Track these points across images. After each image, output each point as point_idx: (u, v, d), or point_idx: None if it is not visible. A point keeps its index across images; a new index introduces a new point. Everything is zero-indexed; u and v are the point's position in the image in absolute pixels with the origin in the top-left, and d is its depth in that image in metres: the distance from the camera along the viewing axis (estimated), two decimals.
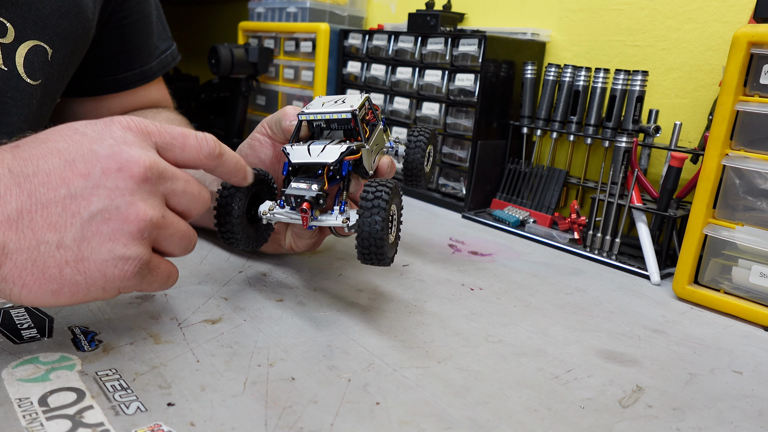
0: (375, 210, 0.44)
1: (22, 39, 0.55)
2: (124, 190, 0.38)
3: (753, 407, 0.43)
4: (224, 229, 0.51)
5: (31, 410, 0.35)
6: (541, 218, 0.85)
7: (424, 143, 0.62)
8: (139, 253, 0.39)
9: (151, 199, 0.39)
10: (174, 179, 0.41)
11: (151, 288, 0.41)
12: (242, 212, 0.51)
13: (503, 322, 0.53)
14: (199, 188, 0.44)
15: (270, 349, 0.44)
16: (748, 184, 0.59)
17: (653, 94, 0.84)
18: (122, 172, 0.38)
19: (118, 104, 0.77)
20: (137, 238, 0.38)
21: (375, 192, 0.45)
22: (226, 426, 0.35)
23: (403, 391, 0.40)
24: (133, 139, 0.40)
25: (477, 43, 0.87)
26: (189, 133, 0.43)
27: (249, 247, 0.53)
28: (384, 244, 0.45)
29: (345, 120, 0.53)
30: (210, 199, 0.45)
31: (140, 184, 0.39)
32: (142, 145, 0.40)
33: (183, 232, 0.42)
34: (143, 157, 0.39)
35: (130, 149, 0.39)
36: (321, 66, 1.12)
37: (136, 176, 0.38)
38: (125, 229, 0.38)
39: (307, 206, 0.48)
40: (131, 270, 0.38)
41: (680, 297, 0.63)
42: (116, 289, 0.39)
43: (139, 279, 0.39)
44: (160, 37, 0.79)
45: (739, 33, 0.57)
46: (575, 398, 0.42)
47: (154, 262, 0.41)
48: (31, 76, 0.56)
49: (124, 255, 0.38)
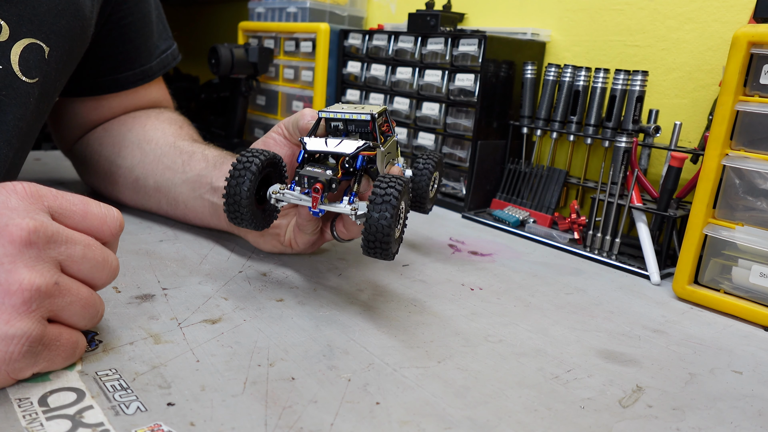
0: (386, 204, 0.44)
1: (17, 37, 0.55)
2: (2, 257, 0.34)
3: (753, 407, 0.43)
4: (232, 209, 0.51)
5: (31, 410, 0.35)
6: (541, 218, 0.85)
7: (430, 170, 0.64)
8: (27, 329, 0.33)
9: (39, 265, 0.35)
10: (70, 243, 0.37)
11: (53, 364, 0.37)
12: (252, 192, 0.50)
13: (503, 322, 0.53)
14: (104, 254, 0.39)
15: (270, 349, 0.44)
16: (748, 184, 0.59)
17: (653, 94, 0.84)
18: (1, 237, 0.34)
19: (118, 104, 0.77)
20: (23, 312, 0.33)
21: (388, 185, 0.45)
22: (226, 426, 0.35)
23: (403, 391, 0.40)
24: (17, 202, 0.36)
25: (477, 43, 0.87)
26: (91, 202, 0.40)
27: (252, 227, 0.53)
28: (390, 239, 0.45)
29: (363, 122, 0.53)
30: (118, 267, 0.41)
31: (23, 250, 0.34)
32: (28, 209, 0.36)
33: (85, 299, 0.38)
34: (26, 220, 0.35)
35: (11, 213, 0.35)
36: (321, 66, 1.12)
37: (17, 240, 0.34)
38: (7, 302, 0.33)
39: (320, 186, 0.48)
40: (18, 350, 0.33)
41: (680, 297, 0.63)
42: (5, 373, 0.34)
43: (32, 358, 0.35)
44: (161, 37, 0.79)
45: (739, 33, 0.57)
46: (575, 398, 0.42)
47: (49, 336, 0.36)
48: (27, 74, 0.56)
49: (6, 334, 0.33)
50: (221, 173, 0.63)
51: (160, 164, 0.69)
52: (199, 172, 0.65)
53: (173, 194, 0.68)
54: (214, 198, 0.63)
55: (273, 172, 0.53)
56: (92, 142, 0.77)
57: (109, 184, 0.75)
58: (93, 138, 0.77)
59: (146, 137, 0.72)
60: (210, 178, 0.64)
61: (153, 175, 0.69)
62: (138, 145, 0.72)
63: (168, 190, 0.68)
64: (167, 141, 0.71)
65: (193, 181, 0.65)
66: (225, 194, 0.51)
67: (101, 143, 0.76)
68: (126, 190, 0.73)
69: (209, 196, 0.64)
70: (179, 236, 0.68)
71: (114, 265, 0.40)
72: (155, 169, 0.69)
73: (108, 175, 0.74)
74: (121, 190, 0.74)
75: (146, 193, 0.71)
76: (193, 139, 0.73)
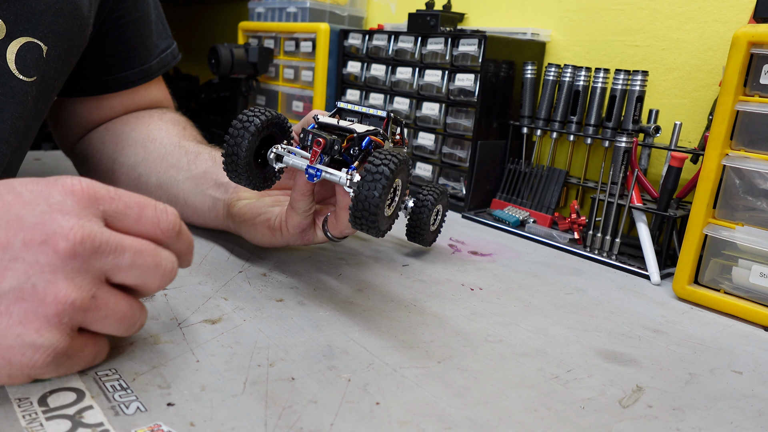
0: (378, 176, 0.44)
1: (13, 36, 0.55)
2: (44, 266, 0.33)
3: (753, 407, 0.43)
4: (230, 164, 0.51)
5: (31, 410, 0.35)
6: (541, 218, 0.85)
7: (432, 202, 0.64)
8: (53, 342, 0.34)
9: (79, 277, 0.34)
10: (118, 252, 0.36)
11: (71, 371, 0.37)
12: (251, 148, 0.50)
13: (503, 322, 0.53)
14: (156, 259, 0.38)
15: (270, 349, 0.44)
16: (748, 184, 0.59)
17: (653, 94, 0.84)
18: (46, 245, 0.34)
19: (118, 104, 0.77)
20: (54, 323, 0.33)
21: (383, 159, 0.45)
22: (226, 426, 0.35)
23: (403, 391, 0.40)
24: (71, 205, 0.35)
25: (477, 43, 0.87)
26: (147, 203, 0.39)
27: (250, 186, 0.53)
28: (378, 212, 0.44)
29: (378, 119, 0.54)
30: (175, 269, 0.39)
31: (65, 261, 0.34)
32: (81, 213, 0.35)
33: (122, 313, 0.37)
34: (75, 229, 0.34)
35: (61, 219, 0.34)
36: (321, 66, 1.12)
37: (61, 251, 0.34)
38: (40, 311, 0.33)
39: (322, 141, 0.47)
40: (42, 360, 0.34)
41: (680, 297, 0.63)
42: (25, 376, 0.35)
43: (53, 367, 0.35)
44: (160, 36, 0.79)
45: (739, 33, 0.57)
46: (575, 398, 0.42)
47: (74, 347, 0.36)
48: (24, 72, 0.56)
49: (35, 342, 0.33)
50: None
51: (164, 162, 0.69)
52: (206, 169, 0.66)
53: (174, 191, 0.68)
54: (216, 193, 0.63)
55: (278, 134, 0.53)
56: (94, 140, 0.77)
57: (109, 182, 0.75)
58: (95, 137, 0.77)
59: (150, 136, 0.72)
60: (215, 174, 0.64)
61: (156, 173, 0.69)
62: (141, 143, 0.72)
63: (169, 188, 0.68)
64: (171, 141, 0.71)
65: (197, 178, 0.66)
66: (224, 150, 0.50)
67: (103, 141, 0.76)
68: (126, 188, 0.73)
69: (212, 191, 0.64)
70: None
71: (168, 268, 0.39)
72: (158, 167, 0.69)
73: (109, 172, 0.74)
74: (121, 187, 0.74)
75: (147, 190, 0.71)
76: (198, 140, 0.73)
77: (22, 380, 0.35)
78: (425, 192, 0.65)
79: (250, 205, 0.61)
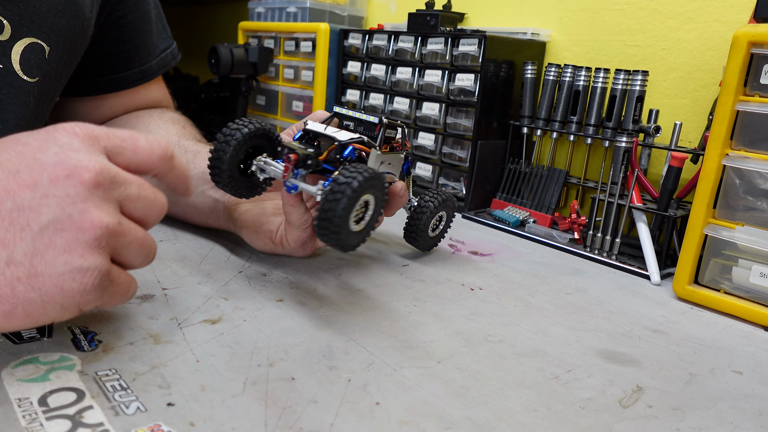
0: (343, 189, 0.43)
1: (18, 36, 0.55)
2: (75, 197, 0.36)
3: (753, 407, 0.43)
4: (214, 171, 0.52)
5: (31, 410, 0.35)
6: (541, 218, 0.85)
7: (432, 208, 0.64)
8: (99, 263, 0.36)
9: (105, 205, 0.37)
10: (127, 184, 0.39)
11: (112, 301, 0.39)
12: (234, 157, 0.51)
13: (503, 322, 0.53)
14: (155, 192, 0.41)
15: (270, 349, 0.44)
16: (748, 184, 0.59)
17: (653, 94, 0.84)
18: (71, 178, 0.36)
19: (118, 103, 0.77)
20: (94, 247, 0.36)
21: (349, 175, 0.44)
22: (226, 426, 0.35)
23: (403, 391, 0.40)
24: (79, 144, 0.38)
25: (477, 43, 0.87)
26: (138, 135, 0.41)
27: (236, 194, 0.54)
28: (341, 227, 0.44)
29: (371, 125, 0.54)
30: (167, 204, 0.43)
31: (92, 190, 0.36)
32: (90, 150, 0.38)
33: (142, 239, 0.40)
34: (92, 161, 0.37)
35: (77, 155, 0.37)
36: (321, 66, 1.12)
37: (87, 182, 0.36)
38: (81, 238, 0.36)
39: (293, 156, 0.48)
40: (91, 282, 0.36)
41: (680, 297, 0.63)
42: (76, 305, 0.37)
43: (100, 292, 0.37)
44: (160, 36, 0.79)
45: (739, 33, 0.57)
46: (575, 398, 0.42)
47: (114, 273, 0.38)
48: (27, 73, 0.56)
49: (82, 266, 0.35)
50: None
51: None
52: (205, 169, 0.65)
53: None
54: (216, 194, 0.63)
55: (267, 145, 0.53)
56: None
57: None
58: None
59: None
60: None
61: None
62: None
63: None
64: (171, 140, 0.71)
65: (197, 178, 0.65)
66: (210, 157, 0.52)
67: None
68: None
69: (212, 192, 0.64)
70: (179, 236, 0.68)
71: (162, 201, 0.42)
72: None
73: None
74: None
75: None
76: (197, 140, 0.73)
77: (72, 310, 0.37)
78: (429, 196, 0.65)
79: (251, 212, 0.61)
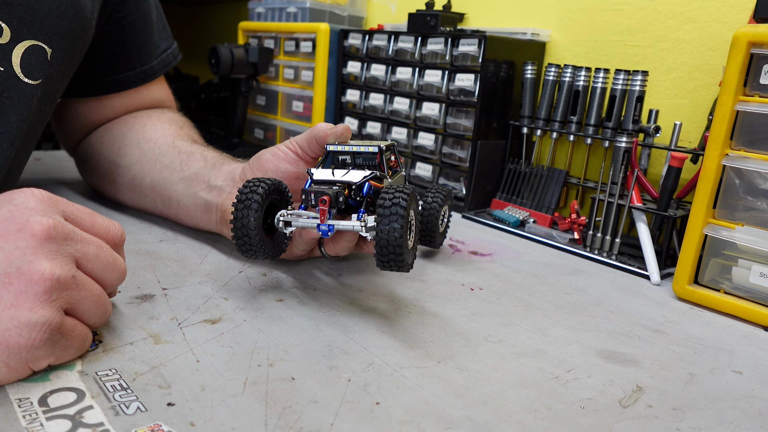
0: (393, 216, 0.44)
1: (18, 39, 0.55)
2: (24, 249, 0.35)
3: (753, 407, 0.43)
4: (242, 242, 0.50)
5: (31, 410, 0.35)
6: (541, 218, 0.85)
7: (439, 205, 0.64)
8: (48, 317, 0.35)
9: (59, 258, 0.36)
10: (84, 242, 0.39)
11: (65, 356, 0.38)
12: (259, 222, 0.50)
13: (503, 322, 0.53)
14: (114, 256, 0.41)
15: (270, 349, 0.44)
16: (748, 184, 0.59)
17: (653, 94, 0.84)
18: (22, 232, 0.35)
19: (120, 104, 0.77)
20: (44, 300, 0.35)
21: (393, 198, 0.45)
22: (226, 426, 0.35)
23: (403, 391, 0.40)
24: (35, 203, 0.38)
25: (477, 43, 0.87)
26: (96, 213, 0.42)
27: (267, 257, 0.53)
28: (403, 251, 0.44)
29: (371, 155, 0.54)
30: (125, 270, 0.43)
31: (43, 243, 0.36)
32: (46, 209, 0.38)
33: (97, 296, 0.39)
34: (45, 218, 0.36)
35: (30, 212, 0.37)
36: (321, 66, 1.12)
37: (38, 234, 0.36)
38: (30, 290, 0.34)
39: (327, 198, 0.47)
40: (39, 337, 0.35)
41: (680, 297, 0.63)
42: (24, 362, 0.35)
43: (50, 347, 0.36)
44: (161, 36, 0.79)
45: (739, 33, 0.57)
46: (575, 398, 0.42)
47: (66, 326, 0.37)
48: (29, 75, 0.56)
49: (30, 321, 0.34)
50: (219, 173, 0.63)
51: (157, 163, 0.69)
52: (197, 170, 0.65)
53: (168, 193, 0.68)
54: (209, 196, 0.63)
55: (279, 199, 0.53)
56: (94, 141, 0.77)
57: (109, 183, 0.75)
58: (95, 138, 0.77)
59: (146, 137, 0.72)
60: (207, 176, 0.64)
61: (150, 174, 0.69)
62: (137, 144, 0.72)
63: (163, 189, 0.68)
64: (166, 141, 0.71)
65: (189, 179, 0.65)
66: (233, 224, 0.50)
67: (102, 142, 0.76)
68: (124, 189, 0.73)
69: (204, 193, 0.63)
70: (179, 236, 0.68)
71: (122, 268, 0.42)
72: (152, 167, 0.69)
73: (107, 174, 0.75)
74: (119, 189, 0.74)
75: (142, 191, 0.71)
76: (193, 140, 0.73)
77: (21, 370, 0.36)
78: (432, 196, 0.65)
79: None
